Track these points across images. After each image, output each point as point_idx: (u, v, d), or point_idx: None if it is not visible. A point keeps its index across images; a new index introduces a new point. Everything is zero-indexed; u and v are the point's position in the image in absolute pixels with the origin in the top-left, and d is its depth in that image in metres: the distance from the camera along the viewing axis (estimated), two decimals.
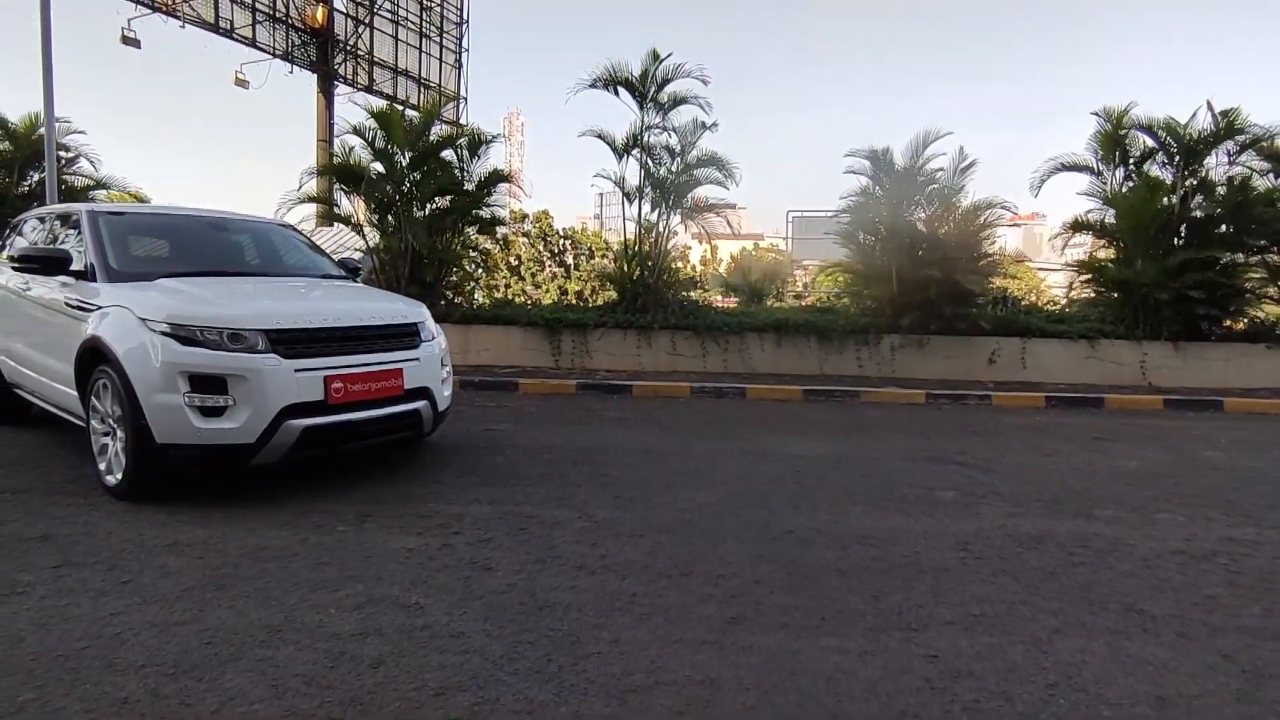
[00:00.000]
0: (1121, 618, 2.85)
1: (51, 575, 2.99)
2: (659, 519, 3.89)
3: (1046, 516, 4.07)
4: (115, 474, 3.93)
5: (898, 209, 9.35)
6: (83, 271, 4.38)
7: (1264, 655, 2.57)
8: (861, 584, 3.12)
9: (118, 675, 2.28)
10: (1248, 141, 8.71)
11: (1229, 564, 3.42)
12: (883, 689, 2.31)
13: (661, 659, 2.46)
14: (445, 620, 2.69)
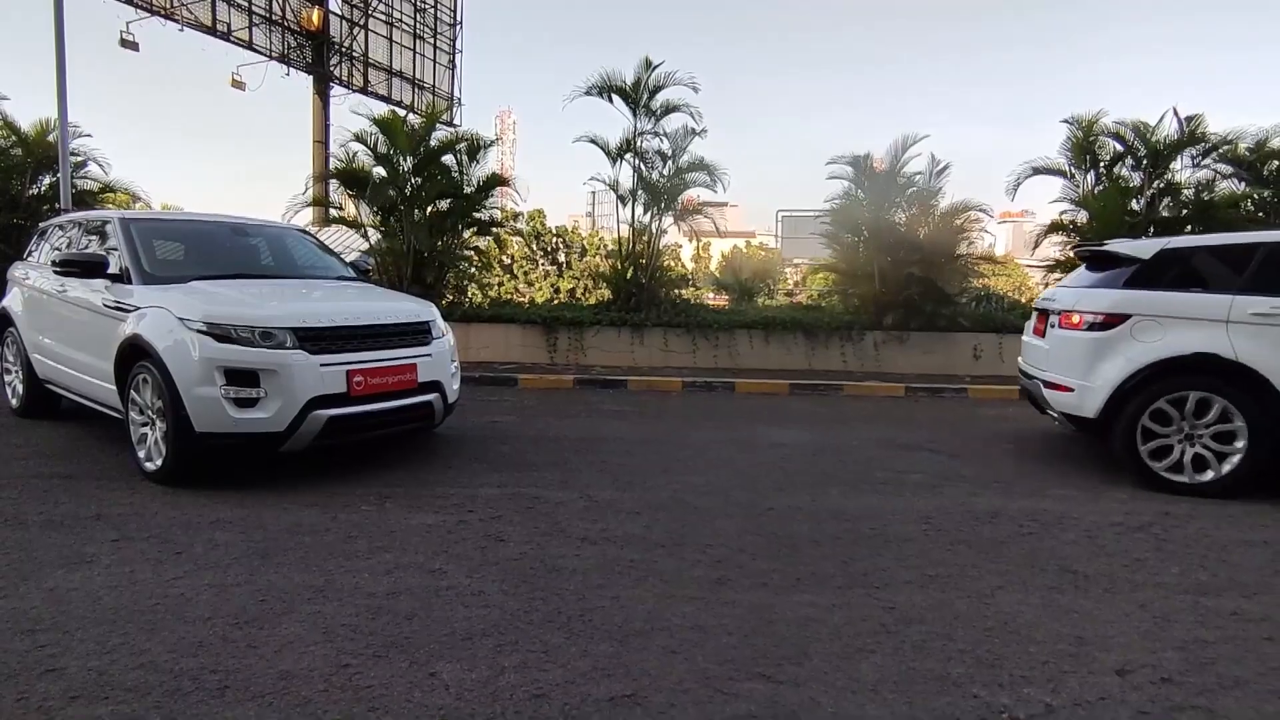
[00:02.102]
0: (1058, 577, 3.26)
1: (112, 548, 3.35)
2: (654, 499, 4.29)
3: (1003, 495, 4.48)
4: (155, 460, 4.29)
5: (879, 211, 9.78)
6: (118, 275, 4.74)
7: (1173, 605, 2.99)
8: (834, 552, 3.52)
9: (189, 625, 2.65)
10: (1209, 147, 9.18)
11: (1160, 533, 3.84)
12: (845, 632, 2.71)
13: (657, 611, 2.86)
14: (466, 582, 3.08)
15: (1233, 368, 4.53)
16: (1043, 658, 2.54)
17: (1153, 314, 4.80)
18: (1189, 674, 2.45)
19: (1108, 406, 4.81)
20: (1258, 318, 4.51)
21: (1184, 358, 4.65)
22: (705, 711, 2.20)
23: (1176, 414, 4.65)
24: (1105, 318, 4.93)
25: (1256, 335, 4.50)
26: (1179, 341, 4.68)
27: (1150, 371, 4.71)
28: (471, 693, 2.26)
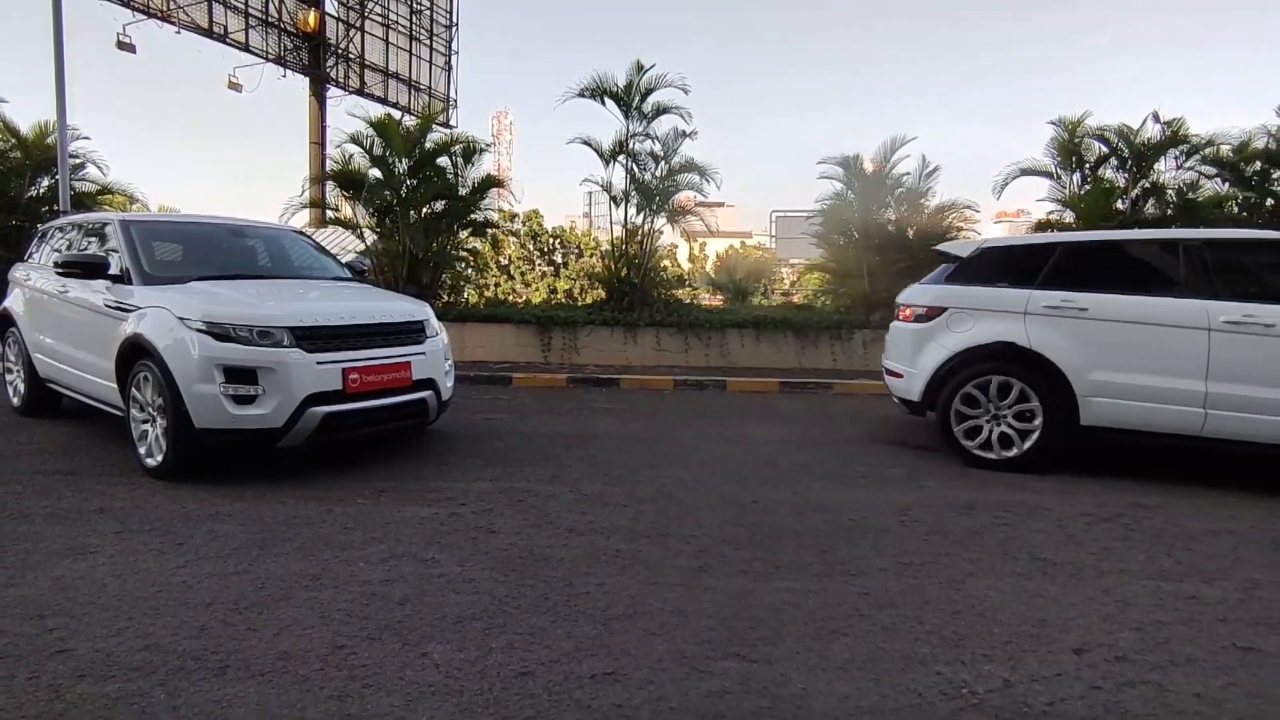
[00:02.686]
0: (1027, 564, 3.39)
1: (115, 539, 3.47)
2: (642, 492, 4.41)
3: (980, 488, 4.62)
4: (155, 456, 4.40)
5: (868, 211, 9.93)
6: (119, 275, 4.85)
7: (1135, 589, 3.12)
8: (813, 542, 3.65)
9: (191, 610, 2.77)
10: (1191, 148, 9.34)
11: (1130, 523, 3.98)
12: (820, 615, 2.84)
13: (640, 597, 2.98)
14: (458, 570, 3.20)
15: (1028, 354, 5.04)
16: (1005, 638, 2.67)
17: (965, 306, 5.35)
18: (1143, 653, 2.58)
19: (927, 390, 5.39)
20: (1049, 310, 5.03)
21: (988, 345, 5.18)
22: (682, 688, 2.32)
23: (983, 396, 5.16)
24: (927, 310, 5.52)
25: (1048, 325, 5.03)
26: (985, 331, 5.21)
27: (961, 358, 5.25)
28: (460, 671, 2.38)
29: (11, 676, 2.29)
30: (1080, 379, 4.92)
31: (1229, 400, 4.57)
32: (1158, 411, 4.76)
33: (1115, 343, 4.89)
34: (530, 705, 2.20)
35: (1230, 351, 4.58)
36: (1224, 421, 4.60)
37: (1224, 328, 4.59)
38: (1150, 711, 2.22)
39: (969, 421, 5.22)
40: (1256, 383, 4.51)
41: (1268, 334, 4.50)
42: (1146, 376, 4.77)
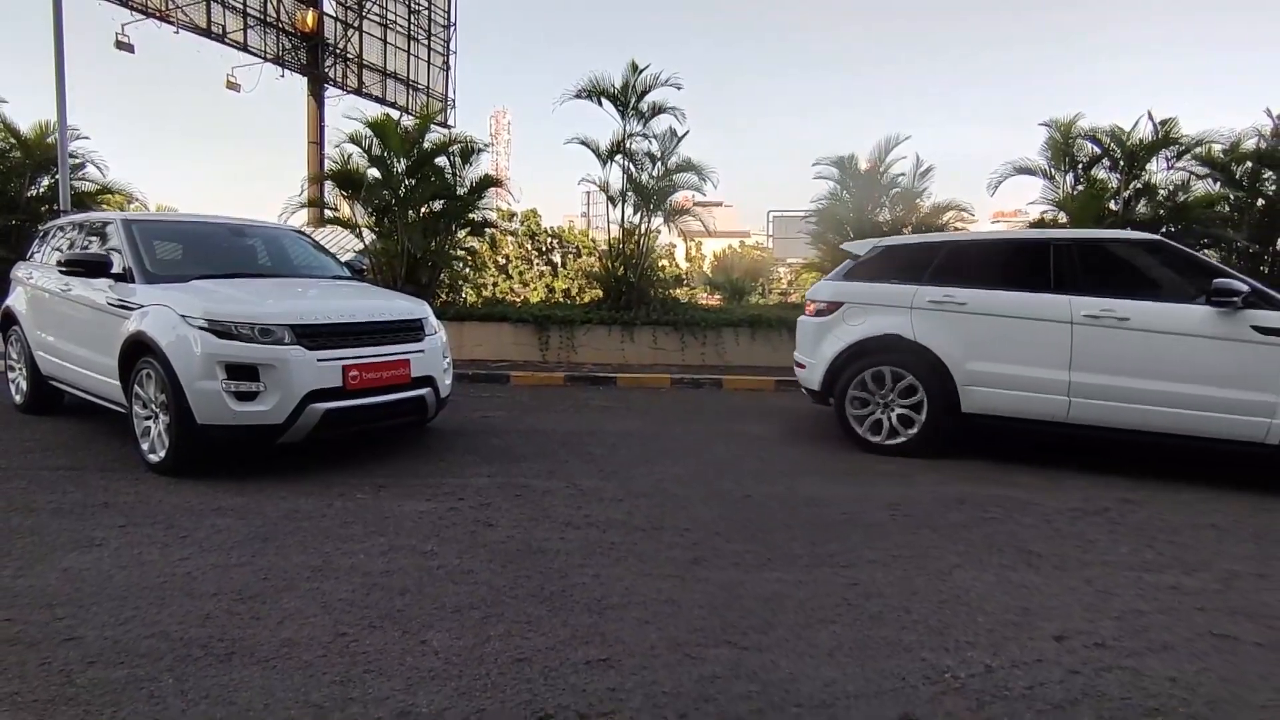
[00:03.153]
0: (1013, 556, 3.47)
1: (120, 532, 3.53)
2: (637, 487, 4.49)
3: (970, 483, 4.69)
4: (158, 452, 4.47)
5: (862, 210, 10.01)
6: (121, 274, 4.91)
7: (1117, 580, 3.20)
8: (804, 535, 3.73)
9: (196, 600, 2.84)
10: (1182, 149, 9.44)
11: (1115, 517, 4.06)
12: (809, 605, 2.92)
13: (634, 587, 3.05)
14: (457, 562, 3.27)
15: (914, 346, 5.39)
16: (989, 626, 2.75)
17: (859, 301, 5.71)
18: (1122, 640, 2.66)
19: (825, 379, 5.74)
20: (932, 304, 5.38)
21: (879, 338, 5.52)
22: (674, 673, 2.40)
23: (874, 385, 5.51)
24: (827, 305, 5.89)
25: (931, 319, 5.36)
26: (876, 324, 5.56)
27: (855, 349, 5.60)
28: (459, 657, 2.46)
29: (23, 663, 2.36)
30: (960, 369, 5.26)
31: (1089, 388, 4.91)
32: (1028, 399, 5.09)
33: (990, 335, 5.21)
34: (527, 689, 2.28)
35: (1090, 343, 4.91)
36: (1086, 409, 4.95)
37: (1084, 321, 4.93)
38: (1125, 695, 2.30)
39: (862, 409, 5.58)
40: (1112, 372, 4.86)
41: (1122, 326, 4.83)
42: (1017, 367, 5.11)
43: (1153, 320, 4.79)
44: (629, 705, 2.21)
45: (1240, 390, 4.56)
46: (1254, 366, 4.53)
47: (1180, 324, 4.73)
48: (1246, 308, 4.58)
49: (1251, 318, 4.56)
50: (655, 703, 2.23)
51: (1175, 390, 4.69)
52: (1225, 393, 4.58)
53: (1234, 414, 4.57)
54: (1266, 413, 4.49)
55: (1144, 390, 4.77)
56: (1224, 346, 4.61)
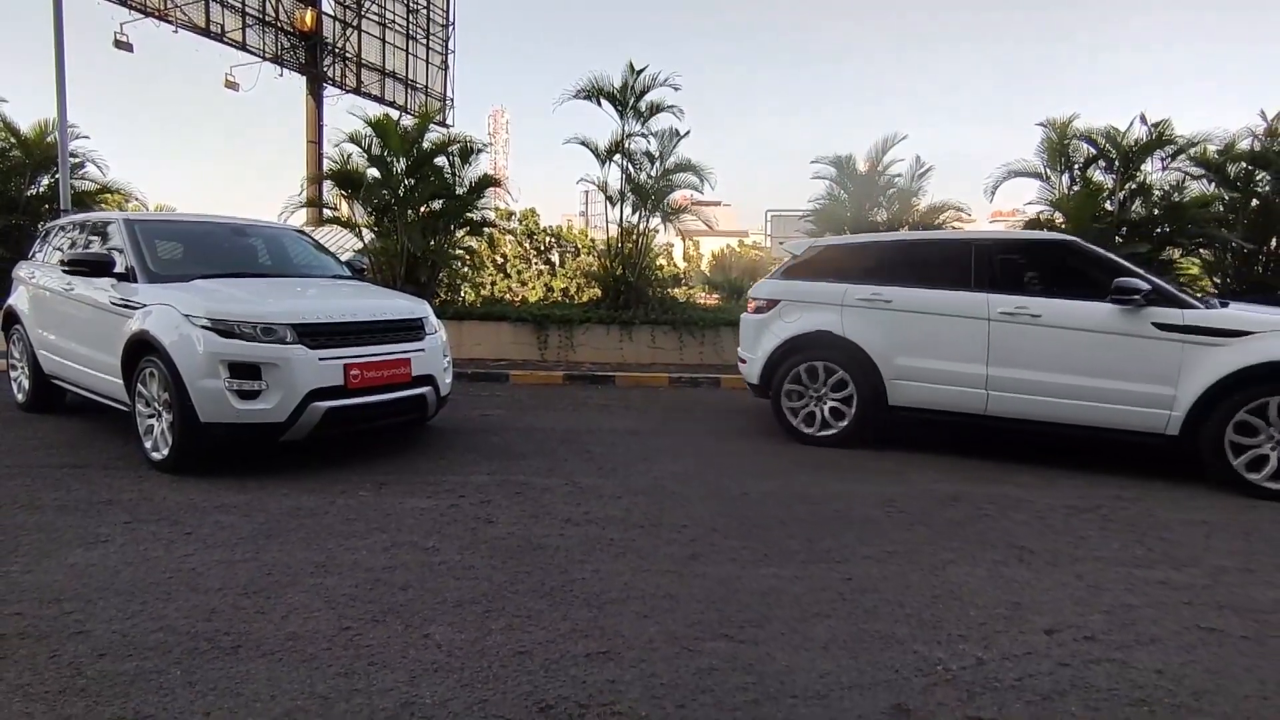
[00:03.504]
0: (1005, 553, 3.52)
1: (125, 529, 3.58)
2: (635, 484, 4.54)
3: (965, 481, 4.75)
4: (161, 450, 4.51)
5: (860, 210, 10.06)
6: (124, 274, 4.95)
7: (1107, 575, 3.25)
8: (800, 531, 3.78)
9: (201, 595, 2.89)
10: (1177, 150, 9.49)
11: (1107, 514, 4.11)
12: (805, 600, 2.97)
13: (633, 582, 3.11)
14: (458, 558, 3.32)
15: (843, 342, 5.63)
16: (981, 620, 2.81)
17: (794, 299, 5.94)
18: (1111, 633, 2.72)
19: (764, 373, 5.96)
20: (861, 302, 5.62)
21: (811, 334, 5.76)
22: (672, 665, 2.45)
23: (808, 379, 5.77)
24: (765, 302, 6.12)
25: (860, 316, 5.61)
26: (810, 321, 5.80)
27: (790, 345, 5.82)
28: (461, 650, 2.50)
29: (34, 656, 2.41)
30: (887, 364, 5.51)
31: (1005, 382, 5.16)
32: (949, 393, 5.35)
33: (914, 331, 5.45)
34: (528, 681, 2.33)
35: (1005, 339, 5.16)
36: (1003, 402, 5.20)
37: (1000, 318, 5.17)
38: (1113, 686, 2.35)
39: (797, 401, 5.84)
40: (1026, 367, 5.10)
41: (1034, 323, 5.08)
42: (940, 361, 5.36)
43: (1062, 317, 5.01)
44: (628, 696, 2.26)
45: (1142, 384, 4.78)
46: (1154, 361, 4.76)
47: (1087, 321, 4.95)
48: (1149, 305, 4.79)
49: (1152, 315, 4.78)
50: (654, 694, 2.28)
51: (1083, 384, 4.93)
52: (1128, 386, 4.82)
53: (1136, 406, 4.80)
54: (1166, 405, 4.72)
55: (1055, 384, 5.01)
56: (1127, 342, 4.84)
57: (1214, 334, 4.64)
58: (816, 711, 2.20)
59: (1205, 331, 4.66)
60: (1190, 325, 4.69)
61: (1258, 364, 4.45)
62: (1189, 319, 4.71)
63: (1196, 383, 4.61)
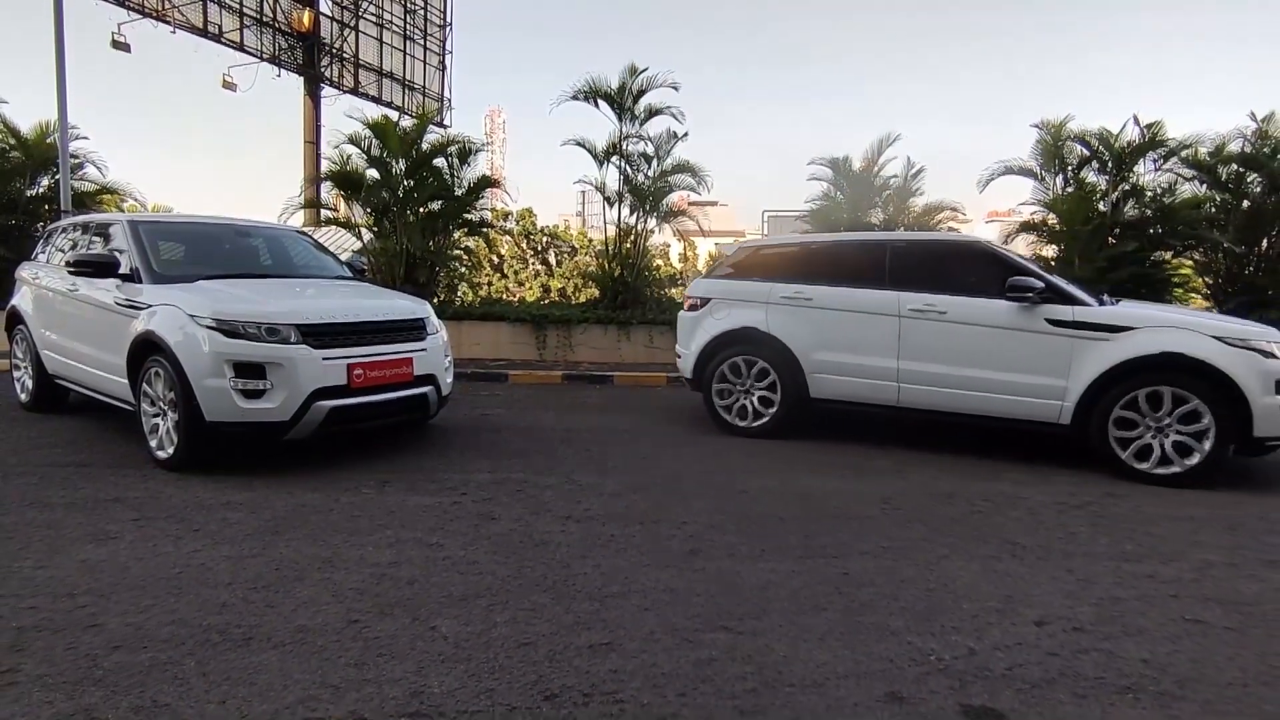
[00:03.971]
0: (999, 548, 3.60)
1: (133, 526, 3.64)
2: (634, 482, 4.61)
3: (961, 479, 4.83)
4: (166, 449, 4.57)
5: (856, 211, 10.14)
6: (129, 274, 5.00)
7: (1097, 570, 3.33)
8: (797, 528, 3.85)
9: (212, 590, 2.95)
10: (1169, 151, 9.60)
11: (1098, 511, 4.20)
12: (802, 593, 3.04)
13: (634, 577, 3.17)
14: (461, 553, 3.39)
15: (767, 337, 5.91)
16: (973, 613, 2.88)
17: (725, 297, 6.24)
18: (1099, 624, 2.80)
19: (696, 367, 6.26)
20: (785, 300, 5.91)
21: (738, 330, 6.05)
22: (673, 656, 2.51)
23: (736, 373, 6.06)
24: (699, 301, 6.41)
25: (783, 313, 5.91)
26: (737, 318, 6.09)
27: (720, 341, 6.12)
28: (468, 642, 2.57)
29: (51, 648, 2.47)
30: (807, 358, 5.81)
31: (914, 375, 5.48)
32: (864, 386, 5.67)
33: (832, 327, 5.75)
34: (533, 671, 2.40)
35: (914, 334, 5.47)
36: (912, 394, 5.51)
37: (909, 314, 5.48)
38: (1099, 674, 2.43)
39: (726, 395, 6.13)
40: (933, 360, 5.41)
41: (941, 319, 5.39)
42: (855, 356, 5.68)
43: (966, 313, 5.32)
44: (630, 686, 2.33)
45: (1037, 376, 5.09)
46: (1048, 355, 5.06)
47: (988, 317, 5.25)
48: (1043, 303, 5.08)
49: (1046, 311, 5.08)
50: (655, 683, 2.35)
51: (984, 376, 5.24)
52: (1025, 378, 5.12)
53: (1033, 397, 5.11)
54: (1059, 396, 5.03)
55: (959, 376, 5.32)
56: (1023, 337, 5.14)
57: (1099, 329, 4.95)
58: (813, 699, 2.27)
59: (1092, 327, 4.97)
60: (1079, 321, 5.00)
61: (1135, 357, 4.79)
62: (1078, 315, 5.02)
63: (1084, 375, 4.93)
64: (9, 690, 2.22)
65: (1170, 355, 4.72)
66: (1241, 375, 4.59)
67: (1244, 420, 4.61)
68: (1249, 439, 4.66)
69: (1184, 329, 4.80)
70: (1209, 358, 4.64)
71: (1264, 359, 4.64)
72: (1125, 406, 4.82)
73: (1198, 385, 4.67)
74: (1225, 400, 4.62)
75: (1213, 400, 4.62)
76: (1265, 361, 4.63)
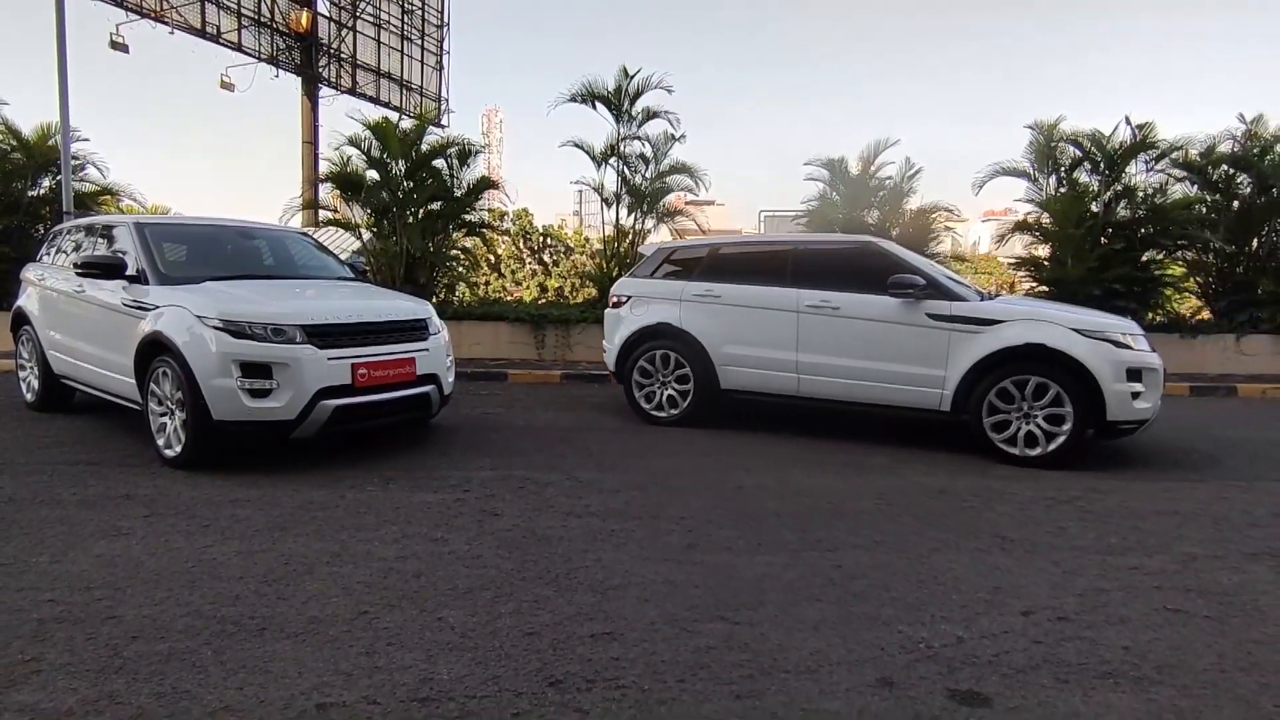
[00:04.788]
0: (988, 541, 3.70)
1: (144, 522, 3.72)
2: (633, 479, 4.70)
3: (952, 475, 4.93)
4: (174, 448, 4.65)
5: (852, 212, 10.25)
6: (135, 276, 5.08)
7: (1083, 562, 3.44)
8: (793, 523, 3.95)
9: (224, 583, 3.04)
10: (1160, 153, 9.72)
11: (1084, 505, 4.30)
12: (797, 585, 3.14)
13: (634, 570, 3.27)
14: (466, 548, 3.48)
15: (680, 332, 6.33)
16: (962, 603, 2.98)
17: (643, 295, 6.67)
18: (1083, 614, 2.90)
19: (618, 361, 6.69)
20: (696, 297, 6.33)
21: (654, 326, 6.46)
22: (672, 645, 2.61)
23: (653, 367, 6.47)
24: (622, 298, 6.82)
25: (695, 309, 6.33)
26: (654, 314, 6.51)
27: (637, 336, 6.54)
28: (474, 632, 2.66)
29: (71, 638, 2.55)
30: (717, 351, 6.21)
31: (811, 366, 5.88)
32: (768, 377, 6.06)
33: (738, 322, 6.15)
34: (537, 659, 2.49)
35: (811, 328, 5.88)
36: (810, 384, 5.91)
37: (807, 310, 5.89)
38: (1082, 661, 2.53)
39: (644, 386, 6.53)
40: (828, 353, 5.82)
41: (835, 315, 5.80)
42: (759, 349, 6.07)
43: (857, 309, 5.73)
44: (631, 673, 2.42)
45: (920, 366, 5.50)
46: (929, 347, 5.47)
47: (876, 312, 5.66)
48: (925, 299, 5.48)
49: (927, 306, 5.49)
50: (655, 670, 2.44)
51: (874, 367, 5.65)
52: (909, 368, 5.54)
53: (917, 386, 5.52)
54: (939, 385, 5.45)
55: (851, 367, 5.74)
56: (907, 330, 5.54)
57: (973, 323, 5.35)
58: (807, 685, 2.37)
59: (966, 320, 5.37)
60: (955, 315, 5.41)
61: (1003, 348, 5.20)
62: (954, 310, 5.42)
63: (960, 365, 5.34)
64: (34, 678, 2.31)
65: (1034, 346, 5.12)
66: (1096, 364, 5.00)
67: (1099, 406, 5.01)
68: (1104, 423, 5.06)
69: (1047, 322, 5.21)
70: (1067, 348, 5.05)
71: (1116, 349, 5.06)
72: (996, 394, 5.22)
73: (1059, 374, 5.07)
74: (1082, 387, 5.02)
75: (1071, 387, 5.03)
76: (1118, 351, 5.06)
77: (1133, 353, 5.11)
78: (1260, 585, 3.19)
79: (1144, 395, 5.07)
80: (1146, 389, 5.08)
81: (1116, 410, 5.00)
